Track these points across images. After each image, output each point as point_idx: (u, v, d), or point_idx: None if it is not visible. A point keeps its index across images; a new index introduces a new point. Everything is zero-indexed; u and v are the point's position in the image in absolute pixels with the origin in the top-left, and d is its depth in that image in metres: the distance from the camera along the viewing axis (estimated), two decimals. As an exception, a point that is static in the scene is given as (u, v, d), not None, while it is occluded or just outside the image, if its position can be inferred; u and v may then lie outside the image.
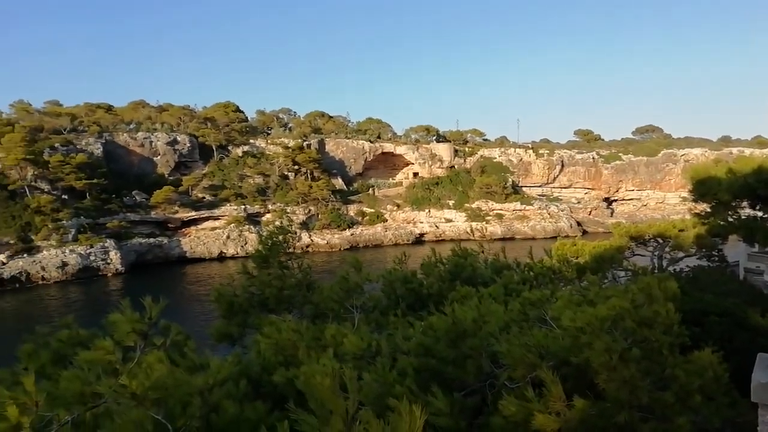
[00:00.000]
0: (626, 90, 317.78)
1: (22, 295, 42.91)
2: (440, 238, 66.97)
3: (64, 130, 58.27)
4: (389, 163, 79.69)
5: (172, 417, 3.20)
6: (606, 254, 10.61)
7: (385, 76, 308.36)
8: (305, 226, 62.28)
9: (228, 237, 58.57)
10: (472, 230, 58.05)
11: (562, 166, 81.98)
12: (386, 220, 69.92)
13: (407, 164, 79.42)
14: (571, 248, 13.51)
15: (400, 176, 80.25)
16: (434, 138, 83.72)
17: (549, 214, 74.14)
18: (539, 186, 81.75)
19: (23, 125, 54.98)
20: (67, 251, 47.89)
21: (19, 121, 57.61)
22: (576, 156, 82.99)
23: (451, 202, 73.31)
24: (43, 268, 46.40)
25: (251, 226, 60.25)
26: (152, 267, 53.00)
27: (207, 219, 60.21)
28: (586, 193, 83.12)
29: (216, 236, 58.55)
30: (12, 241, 46.59)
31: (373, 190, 75.23)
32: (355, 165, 75.95)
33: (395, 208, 72.10)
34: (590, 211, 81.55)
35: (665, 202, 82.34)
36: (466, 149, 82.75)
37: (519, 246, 30.69)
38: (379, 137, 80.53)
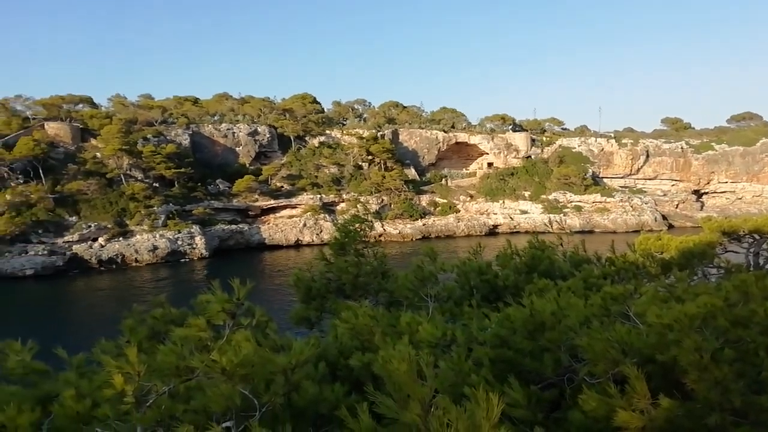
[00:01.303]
0: (721, 75, 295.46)
1: (118, 275, 46.37)
2: (514, 230, 65.57)
3: (156, 122, 62.09)
4: (463, 153, 78.75)
5: (257, 393, 3.36)
6: (695, 250, 9.98)
7: (461, 66, 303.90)
8: (378, 215, 62.95)
9: (304, 225, 60.30)
10: (550, 222, 56.34)
11: (647, 156, 77.58)
12: (459, 211, 69.30)
13: (481, 154, 78.15)
14: (655, 243, 12.82)
15: (473, 166, 79.15)
16: (510, 127, 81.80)
17: (631, 206, 70.61)
18: (621, 177, 77.88)
19: (120, 118, 59.13)
20: (157, 236, 51.17)
21: (116, 114, 62.02)
22: (663, 145, 78.26)
23: (526, 193, 71.48)
24: (136, 251, 49.87)
25: (326, 215, 61.71)
26: (233, 252, 55.55)
27: (285, 207, 62.30)
28: (673, 185, 78.28)
29: (293, 224, 60.45)
30: (109, 226, 50.37)
31: (446, 180, 74.69)
32: (428, 155, 75.66)
33: (468, 198, 71.28)
34: (677, 204, 76.81)
35: (763, 195, 75.95)
36: (544, 139, 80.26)
37: (598, 239, 29.47)
38: (453, 127, 79.73)
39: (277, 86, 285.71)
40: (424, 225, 65.33)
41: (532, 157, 77.03)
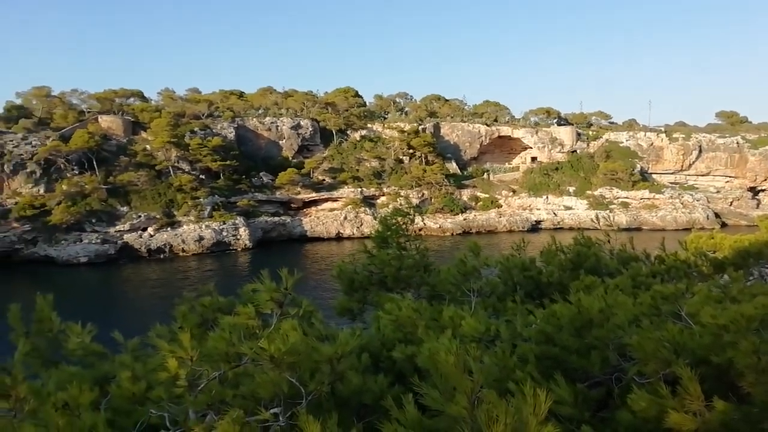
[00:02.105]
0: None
1: (166, 264, 47.95)
2: (558, 226, 64.30)
3: (203, 116, 63.68)
4: (506, 147, 77.61)
5: (303, 382, 3.43)
6: (751, 249, 9.55)
7: (504, 59, 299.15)
8: (418, 209, 62.86)
9: (345, 218, 60.81)
10: (597, 218, 55.03)
11: (700, 151, 74.53)
12: (501, 206, 68.41)
13: (525, 148, 76.84)
14: (708, 241, 12.35)
15: (516, 161, 77.93)
16: (555, 121, 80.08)
17: (682, 203, 68.13)
18: (671, 173, 75.12)
19: (168, 111, 60.94)
20: (203, 226, 52.60)
21: (165, 107, 63.93)
22: (717, 140, 75.01)
23: (571, 189, 69.90)
24: (183, 241, 51.42)
25: (367, 208, 62.05)
26: (276, 244, 56.56)
27: (326, 200, 62.97)
28: (727, 182, 74.99)
29: (334, 217, 61.04)
30: (158, 216, 52.08)
31: (488, 174, 73.81)
32: (470, 149, 74.91)
33: (511, 193, 70.27)
34: (731, 202, 73.61)
35: (825, 193, 71.97)
36: (590, 133, 78.23)
37: (646, 237, 28.61)
38: (495, 120, 78.67)
39: (320, 80, 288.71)
40: (464, 220, 64.81)
41: (578, 151, 75.23)
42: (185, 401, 3.20)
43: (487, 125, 75.91)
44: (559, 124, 79.11)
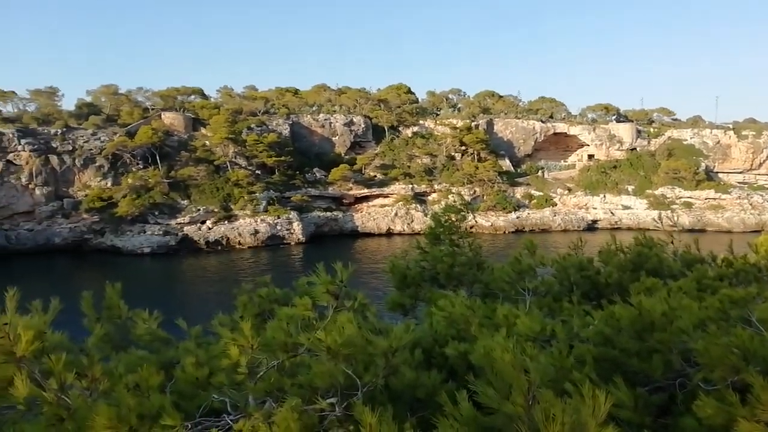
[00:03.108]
0: None
1: (223, 256, 49.56)
2: (615, 226, 62.20)
3: (259, 112, 65.29)
4: (561, 144, 75.66)
5: (358, 374, 3.48)
6: (829, 254, 8.95)
7: (562, 54, 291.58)
8: (469, 207, 62.23)
9: (396, 214, 60.99)
10: (660, 218, 52.71)
11: (773, 149, 70.23)
12: (555, 205, 66.80)
13: (581, 146, 74.66)
14: (781, 245, 11.64)
15: (572, 158, 75.84)
16: (614, 117, 77.33)
17: (751, 204, 64.46)
18: (740, 172, 71.12)
19: (227, 108, 62.87)
20: (258, 220, 54.03)
21: (223, 104, 65.97)
22: (792, 138, 70.44)
23: (630, 188, 67.40)
24: (239, 234, 52.99)
25: (418, 205, 62.00)
26: (327, 238, 57.41)
27: (377, 196, 63.34)
28: (802, 182, 70.39)
29: (385, 213, 61.34)
30: (216, 210, 53.88)
31: (543, 172, 72.21)
32: (524, 146, 73.47)
33: (566, 191, 68.48)
34: (807, 203, 68.99)
35: None
36: (651, 130, 75.13)
37: (712, 239, 27.26)
38: (551, 117, 76.84)
39: (373, 77, 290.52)
40: (517, 218, 63.68)
41: (638, 149, 72.41)
42: (245, 388, 3.32)
43: (542, 122, 74.23)
44: (618, 121, 76.34)
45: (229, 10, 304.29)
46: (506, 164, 70.27)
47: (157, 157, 54.94)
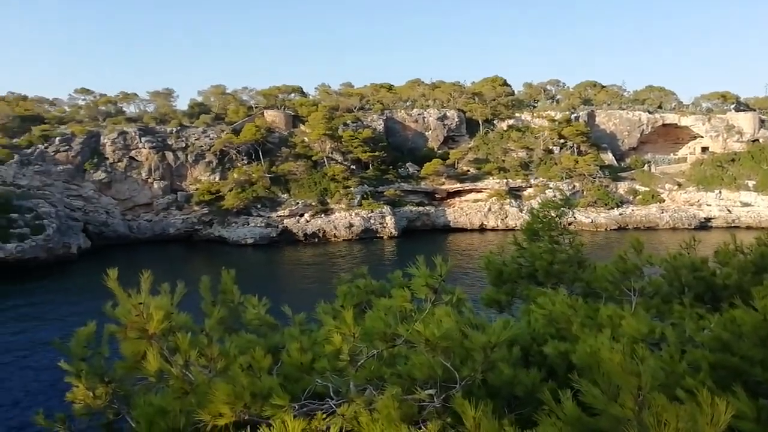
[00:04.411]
0: None
1: (319, 248, 51.35)
2: (732, 225, 57.06)
3: (354, 109, 66.79)
4: (671, 136, 70.45)
5: (456, 367, 3.51)
6: None
7: (672, 38, 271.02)
8: (569, 202, 59.71)
9: (489, 210, 59.92)
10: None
11: None
12: (663, 201, 62.37)
13: (694, 137, 69.06)
14: None
15: (683, 151, 70.35)
16: (732, 106, 70.74)
17: None
18: None
19: (324, 105, 64.94)
20: (353, 214, 55.37)
21: (321, 101, 68.18)
22: None
23: (750, 183, 61.37)
24: (335, 227, 54.64)
25: (512, 200, 60.50)
26: (419, 233, 57.61)
27: (470, 191, 62.55)
28: None
29: (478, 208, 60.45)
30: (314, 203, 55.92)
31: (649, 166, 67.64)
32: (629, 138, 69.26)
33: (675, 187, 63.73)
34: None
35: None
36: (778, 119, 67.94)
37: None
38: (659, 107, 71.80)
39: (468, 70, 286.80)
40: (620, 215, 60.20)
41: (760, 140, 65.73)
42: (347, 374, 3.46)
43: (650, 112, 69.55)
44: (737, 110, 69.72)
45: (329, 8, 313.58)
46: (608, 158, 66.65)
47: (260, 153, 57.94)
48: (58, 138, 52.63)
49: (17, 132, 53.98)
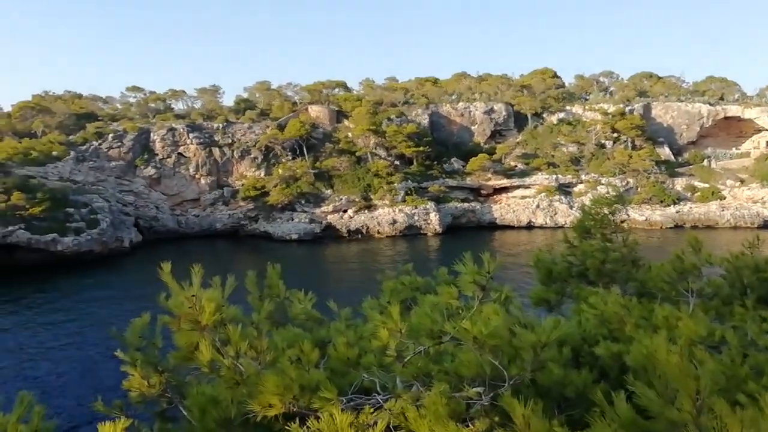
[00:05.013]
0: None
1: (363, 244, 51.66)
2: (800, 224, 53.91)
3: (399, 103, 66.69)
4: (733, 129, 67.07)
5: (504, 366, 3.46)
6: None
7: (736, 24, 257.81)
8: (622, 199, 57.80)
9: (537, 206, 58.75)
10: None
11: None
12: (724, 198, 59.51)
13: (758, 131, 65.51)
14: None
15: (747, 145, 66.87)
16: (803, 96, 66.80)
17: None
18: None
19: (368, 100, 65.15)
20: (396, 210, 55.40)
21: (365, 96, 68.41)
22: None
23: (822, 179, 57.83)
24: (378, 224, 54.82)
25: (562, 197, 59.09)
26: (464, 230, 57.09)
27: (517, 187, 61.45)
28: None
29: (525, 205, 59.35)
30: (357, 199, 56.25)
31: (709, 161, 64.64)
32: (687, 132, 66.39)
33: (737, 183, 60.72)
34: None
35: None
36: None
37: None
38: (721, 99, 68.44)
39: (517, 62, 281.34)
40: (677, 212, 57.81)
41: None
42: (394, 370, 3.46)
43: (710, 104, 66.43)
44: (808, 100, 65.77)
45: (372, 6, 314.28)
46: (665, 152, 64.13)
47: (304, 149, 58.70)
48: (110, 135, 54.94)
49: (73, 129, 56.69)
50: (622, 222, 7.34)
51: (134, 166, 55.06)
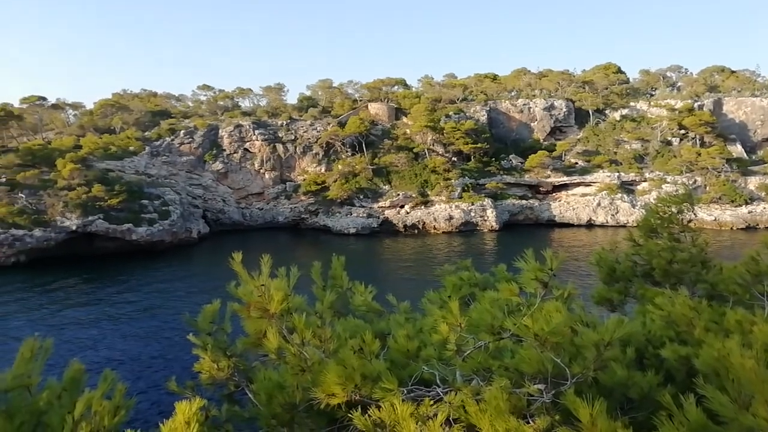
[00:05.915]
0: None
1: (419, 239, 51.64)
2: None
3: (457, 100, 66.13)
4: (816, 125, 62.55)
5: (566, 364, 3.42)
6: None
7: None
8: (690, 198, 55.03)
9: (598, 204, 56.85)
10: None
11: None
12: (803, 198, 55.64)
13: None
14: None
15: (831, 142, 62.24)
16: None
17: None
18: None
19: (426, 97, 64.96)
20: (453, 206, 55.03)
21: (423, 93, 68.24)
22: None
23: None
24: (434, 219, 54.66)
25: (624, 195, 56.92)
26: (521, 227, 56.01)
27: (578, 185, 59.67)
28: None
29: (586, 203, 57.57)
30: (414, 195, 56.27)
31: (787, 159, 60.54)
32: (762, 128, 62.48)
33: (819, 182, 56.58)
34: None
35: None
36: None
37: None
38: (802, 92, 63.90)
39: (578, 57, 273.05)
40: (749, 213, 54.51)
41: None
42: (454, 364, 3.50)
43: (789, 99, 62.16)
44: None
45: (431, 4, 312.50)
46: (737, 150, 60.55)
47: (363, 145, 59.26)
48: (182, 131, 57.44)
49: (148, 126, 59.75)
50: (689, 222, 7.04)
51: (203, 161, 57.36)
